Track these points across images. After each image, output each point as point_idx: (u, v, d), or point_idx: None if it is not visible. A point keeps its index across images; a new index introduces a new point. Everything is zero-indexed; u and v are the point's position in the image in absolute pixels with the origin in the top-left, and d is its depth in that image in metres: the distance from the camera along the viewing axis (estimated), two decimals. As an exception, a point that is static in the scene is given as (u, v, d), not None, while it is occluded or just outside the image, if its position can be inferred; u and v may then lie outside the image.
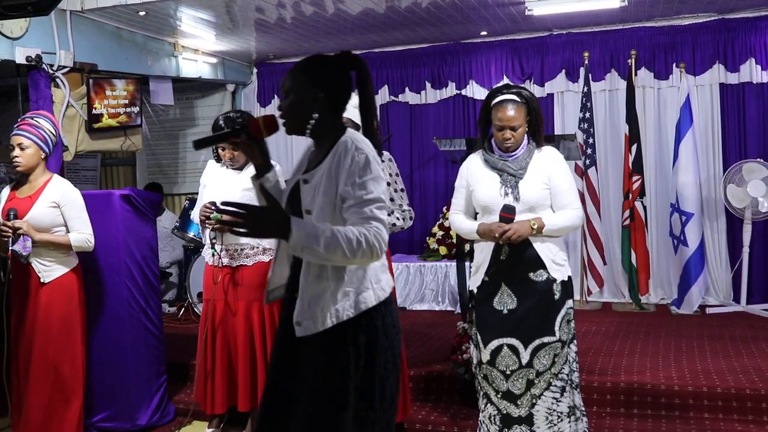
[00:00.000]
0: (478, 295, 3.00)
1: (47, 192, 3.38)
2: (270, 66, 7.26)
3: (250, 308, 3.58)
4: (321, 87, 2.01)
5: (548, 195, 2.90)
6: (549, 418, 2.86)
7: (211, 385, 3.61)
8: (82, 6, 4.80)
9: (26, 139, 3.32)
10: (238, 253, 3.58)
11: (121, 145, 5.44)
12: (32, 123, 3.36)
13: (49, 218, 3.35)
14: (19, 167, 3.35)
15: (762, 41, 5.75)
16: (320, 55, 2.10)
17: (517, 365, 2.87)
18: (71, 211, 3.42)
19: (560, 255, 2.93)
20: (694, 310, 5.58)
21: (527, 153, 2.91)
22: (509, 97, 2.90)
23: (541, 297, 2.87)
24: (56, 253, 3.39)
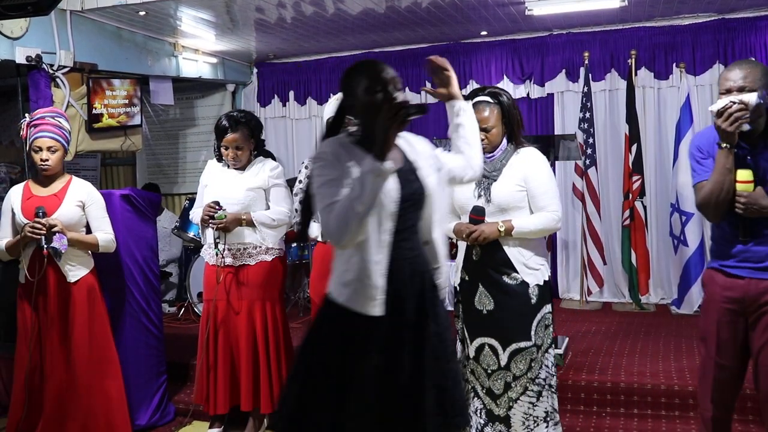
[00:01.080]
0: (461, 292, 3.05)
1: (72, 191, 3.38)
2: (270, 66, 7.26)
3: (253, 308, 3.58)
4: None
5: (523, 197, 2.89)
6: (525, 422, 2.89)
7: (213, 385, 3.61)
8: (82, 6, 4.80)
9: (56, 142, 3.30)
10: (240, 252, 3.59)
11: (121, 145, 5.44)
12: (56, 123, 3.33)
13: (76, 218, 3.36)
14: (47, 171, 3.32)
15: (762, 41, 5.75)
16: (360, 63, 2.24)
17: (497, 366, 2.91)
18: (96, 211, 3.43)
19: (534, 259, 2.92)
20: (694, 310, 5.57)
21: (504, 155, 2.93)
22: (482, 98, 2.93)
23: (517, 300, 2.88)
24: (81, 253, 3.40)
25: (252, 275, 3.58)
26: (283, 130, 7.27)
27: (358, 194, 1.90)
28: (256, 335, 3.58)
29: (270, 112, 7.25)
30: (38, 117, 3.36)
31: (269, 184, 3.60)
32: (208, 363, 3.62)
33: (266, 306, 3.62)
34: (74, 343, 3.37)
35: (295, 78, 7.16)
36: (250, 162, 3.63)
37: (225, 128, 3.53)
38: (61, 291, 3.35)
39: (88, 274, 3.43)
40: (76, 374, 3.38)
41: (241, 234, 3.57)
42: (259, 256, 3.60)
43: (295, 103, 7.18)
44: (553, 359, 3.01)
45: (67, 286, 3.35)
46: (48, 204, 3.30)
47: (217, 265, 3.58)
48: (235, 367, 3.61)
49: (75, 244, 3.33)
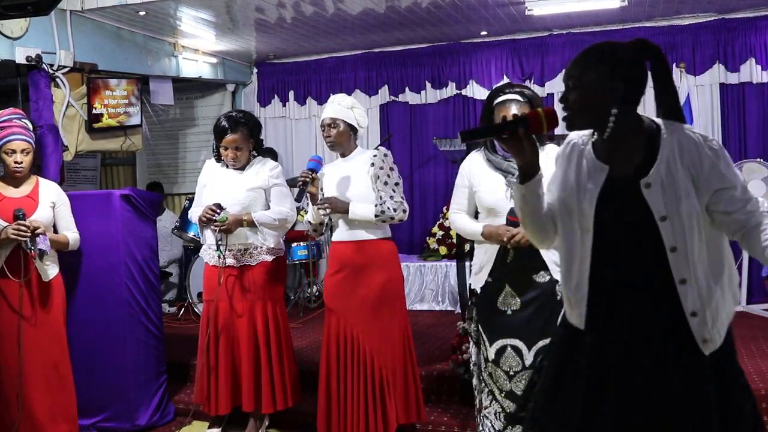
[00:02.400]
0: (482, 295, 2.97)
1: (44, 192, 3.41)
2: (270, 66, 7.26)
3: (254, 308, 3.57)
4: (619, 78, 1.76)
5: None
6: None
7: (214, 386, 3.60)
8: (82, 6, 4.80)
9: (28, 144, 3.32)
10: (242, 253, 3.58)
11: (121, 145, 5.44)
12: (23, 125, 3.34)
13: (49, 218, 3.39)
14: (19, 173, 3.32)
15: (762, 41, 5.75)
16: (612, 43, 1.84)
17: (521, 367, 2.85)
18: (65, 210, 3.48)
19: None
20: (694, 310, 5.57)
21: None
22: (511, 96, 2.84)
23: (544, 299, 2.84)
24: (53, 252, 3.42)
25: (253, 276, 3.57)
26: (283, 130, 7.27)
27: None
28: (257, 335, 3.57)
29: (270, 112, 7.25)
30: (4, 119, 3.34)
31: (269, 184, 3.59)
32: (209, 364, 3.61)
33: (267, 306, 3.61)
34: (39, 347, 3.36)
35: (295, 78, 7.17)
36: (249, 162, 3.62)
37: (224, 129, 3.52)
38: (33, 290, 3.36)
39: (59, 272, 3.48)
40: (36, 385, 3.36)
41: (243, 235, 3.56)
42: (261, 257, 3.59)
43: (295, 103, 7.18)
44: None
45: (39, 285, 3.37)
46: (25, 206, 3.31)
47: (219, 266, 3.57)
48: (236, 368, 3.60)
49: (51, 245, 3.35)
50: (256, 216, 3.51)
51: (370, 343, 3.25)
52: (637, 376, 1.77)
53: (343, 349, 3.28)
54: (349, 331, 3.27)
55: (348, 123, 3.32)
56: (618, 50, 1.80)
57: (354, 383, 3.26)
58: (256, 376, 3.57)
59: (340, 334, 3.29)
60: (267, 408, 3.58)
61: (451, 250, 6.12)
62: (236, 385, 3.61)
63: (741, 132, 5.93)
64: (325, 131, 3.32)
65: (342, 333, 3.28)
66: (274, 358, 3.59)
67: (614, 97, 1.76)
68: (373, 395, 3.25)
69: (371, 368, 3.25)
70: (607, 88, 1.76)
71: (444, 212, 6.37)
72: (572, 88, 1.80)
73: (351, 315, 3.28)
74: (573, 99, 1.80)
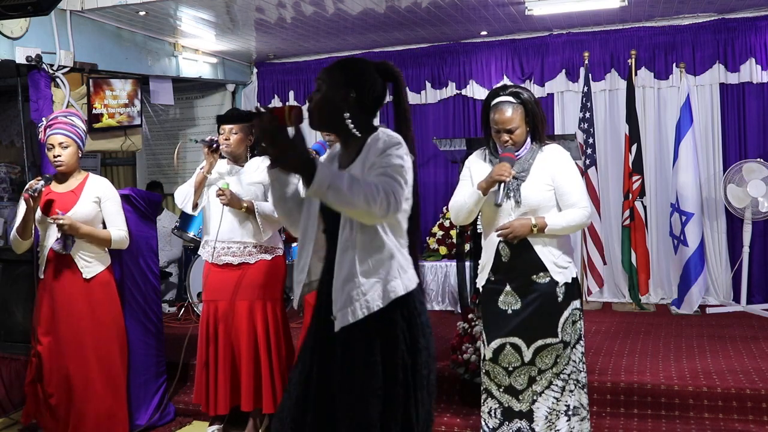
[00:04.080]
0: (484, 294, 3.00)
1: (89, 188, 3.42)
2: (270, 66, 7.26)
3: (254, 307, 3.58)
4: (354, 88, 2.02)
5: (552, 196, 2.85)
6: (548, 416, 2.87)
7: (213, 385, 3.61)
8: (82, 6, 4.80)
9: (67, 138, 3.35)
10: (241, 251, 3.58)
11: (121, 145, 5.44)
12: (68, 122, 3.38)
13: (92, 214, 3.40)
14: (60, 167, 3.37)
15: (762, 41, 5.75)
16: (361, 59, 2.11)
17: (520, 362, 2.87)
18: (111, 207, 3.47)
19: (563, 258, 2.89)
20: (694, 310, 5.58)
21: (530, 154, 2.88)
22: (505, 99, 2.87)
23: (544, 299, 2.85)
24: (97, 249, 3.44)
25: (252, 274, 3.57)
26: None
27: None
28: (257, 335, 3.58)
29: (270, 112, 7.24)
30: (52, 118, 3.42)
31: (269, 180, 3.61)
32: (208, 363, 3.62)
33: (267, 306, 3.61)
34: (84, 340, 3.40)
35: (295, 78, 7.17)
36: (246, 154, 3.66)
37: (229, 116, 3.64)
38: (77, 288, 3.38)
39: (106, 270, 3.48)
40: (80, 371, 3.40)
41: (241, 233, 3.57)
42: (259, 255, 3.60)
43: (295, 103, 7.18)
44: (581, 355, 2.96)
45: (83, 282, 3.39)
46: (65, 200, 3.35)
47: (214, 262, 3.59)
48: (235, 367, 3.61)
49: (90, 240, 3.37)
50: (258, 204, 3.53)
51: None
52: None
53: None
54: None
55: None
56: (362, 65, 2.06)
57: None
58: (256, 375, 3.58)
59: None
60: (267, 408, 3.59)
61: (451, 250, 6.12)
62: (235, 384, 3.61)
63: (741, 132, 5.93)
64: None
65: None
66: (274, 358, 3.59)
67: (347, 104, 2.01)
68: None
69: None
70: (341, 94, 2.01)
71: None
72: (317, 90, 2.04)
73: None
74: (315, 99, 2.03)
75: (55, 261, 3.38)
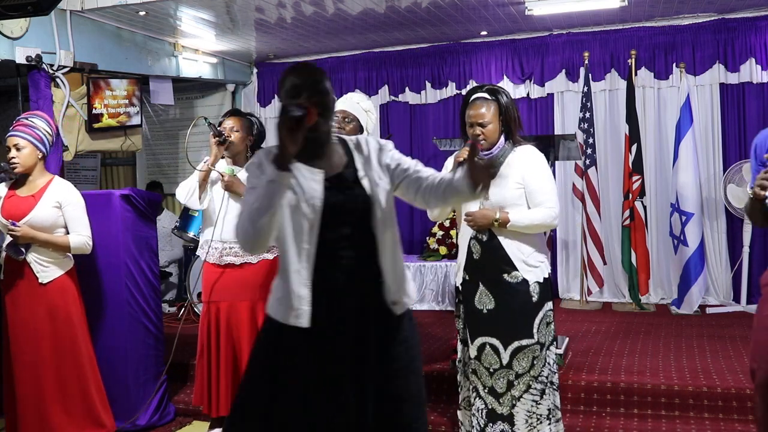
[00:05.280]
0: (463, 292, 3.04)
1: (50, 192, 3.38)
2: (270, 66, 7.26)
3: (255, 308, 3.57)
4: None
5: (521, 194, 2.90)
6: (529, 420, 2.89)
7: (215, 387, 3.59)
8: (82, 6, 4.80)
9: (22, 140, 3.32)
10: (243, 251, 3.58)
11: (121, 145, 5.44)
12: (27, 123, 3.35)
13: (51, 219, 3.35)
14: (17, 168, 3.33)
15: (762, 41, 5.75)
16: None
17: (499, 365, 2.91)
18: (73, 212, 3.41)
19: (534, 256, 2.92)
20: (694, 310, 5.58)
21: (501, 152, 2.94)
22: (479, 95, 2.95)
23: (518, 299, 2.88)
24: (55, 254, 3.39)
25: (254, 274, 3.56)
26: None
27: (254, 201, 1.90)
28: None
29: (270, 112, 7.25)
30: (16, 119, 3.40)
31: None
32: (209, 364, 3.61)
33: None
34: (41, 346, 3.36)
35: (295, 78, 7.15)
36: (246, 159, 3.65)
37: (236, 111, 3.69)
38: (32, 293, 3.35)
39: (64, 275, 3.42)
40: (43, 379, 3.38)
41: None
42: (262, 255, 3.59)
43: (296, 103, 7.16)
44: (555, 357, 3.00)
45: (39, 286, 3.35)
46: (24, 204, 3.32)
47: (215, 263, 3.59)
48: (237, 368, 3.60)
49: (46, 245, 3.34)
50: None
51: None
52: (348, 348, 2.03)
53: None
54: None
55: (359, 123, 3.35)
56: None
57: None
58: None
59: None
60: (267, 408, 3.58)
61: (451, 250, 6.12)
62: (237, 385, 3.60)
63: (741, 132, 5.93)
64: (337, 123, 3.31)
65: None
66: (275, 358, 3.59)
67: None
68: None
69: None
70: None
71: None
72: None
73: None
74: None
75: (11, 265, 3.35)
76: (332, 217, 2.01)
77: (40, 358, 3.37)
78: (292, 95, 1.98)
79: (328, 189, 2.02)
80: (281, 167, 1.87)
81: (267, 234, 1.92)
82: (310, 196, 2.00)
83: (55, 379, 3.39)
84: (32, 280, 3.35)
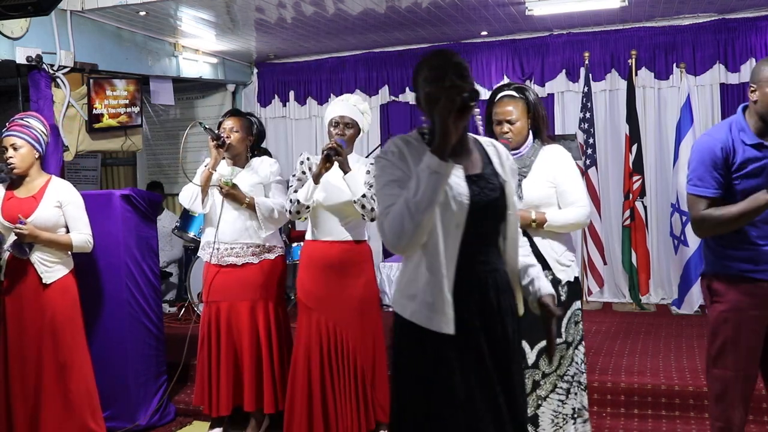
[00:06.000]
0: None
1: (50, 192, 3.38)
2: (270, 66, 7.26)
3: (256, 307, 3.58)
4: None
5: (553, 193, 2.87)
6: (554, 420, 2.86)
7: (216, 386, 3.60)
8: (83, 6, 4.80)
9: (19, 139, 3.31)
10: (244, 251, 3.58)
11: (121, 145, 5.44)
12: (23, 123, 3.35)
13: (54, 219, 3.36)
14: (15, 169, 3.33)
15: (762, 41, 5.75)
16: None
17: (524, 365, 2.87)
18: (73, 211, 3.41)
19: (566, 255, 2.90)
20: (695, 310, 5.57)
21: (532, 151, 2.90)
22: (507, 93, 2.92)
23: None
24: (59, 254, 3.39)
25: (255, 274, 3.57)
26: (283, 130, 7.27)
27: (414, 194, 1.76)
28: (259, 335, 3.58)
29: (270, 112, 7.26)
30: (10, 120, 3.39)
31: (270, 180, 3.62)
32: (210, 364, 3.61)
33: (269, 306, 3.62)
34: (43, 346, 3.36)
35: (295, 78, 7.17)
36: (246, 154, 3.65)
37: (235, 111, 3.68)
38: (35, 293, 3.34)
39: (68, 274, 3.42)
40: (43, 377, 3.37)
41: (245, 233, 3.57)
42: (262, 255, 3.59)
43: (295, 103, 7.18)
44: (583, 356, 2.96)
45: (41, 287, 3.35)
46: (25, 206, 3.32)
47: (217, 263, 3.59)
48: (237, 368, 3.60)
49: (49, 245, 3.33)
50: (259, 200, 3.53)
51: (353, 342, 3.30)
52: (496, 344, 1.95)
53: (326, 348, 3.29)
54: (333, 330, 3.30)
55: (359, 126, 3.35)
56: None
57: (339, 382, 3.29)
58: (258, 375, 3.57)
59: (323, 333, 3.30)
60: (268, 408, 3.59)
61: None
62: (237, 385, 3.61)
63: (741, 132, 5.92)
64: (338, 129, 3.30)
65: (326, 333, 3.30)
66: (276, 358, 3.60)
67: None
68: (356, 393, 3.30)
69: (353, 367, 3.29)
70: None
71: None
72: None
73: (335, 315, 3.30)
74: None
75: (14, 265, 3.35)
76: (475, 216, 1.90)
77: (38, 357, 3.36)
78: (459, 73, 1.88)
79: (470, 187, 1.91)
80: (443, 157, 1.75)
81: (425, 231, 1.80)
82: (458, 193, 1.87)
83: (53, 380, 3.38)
84: (35, 280, 3.34)
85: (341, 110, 3.31)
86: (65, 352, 3.40)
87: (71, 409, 3.41)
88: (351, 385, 3.30)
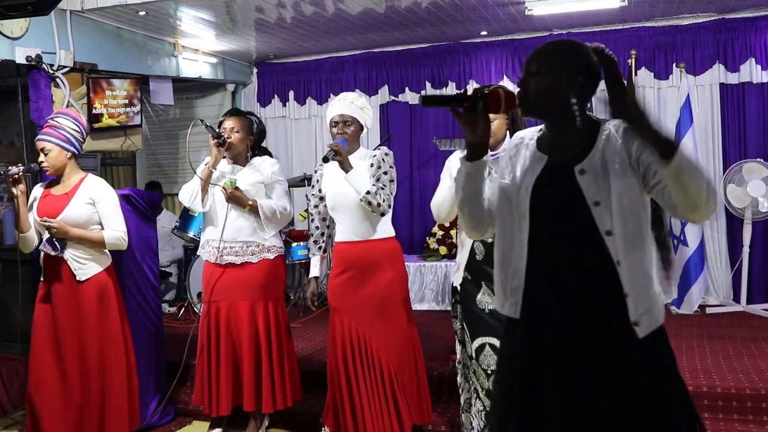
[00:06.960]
0: (462, 292, 3.02)
1: (83, 189, 3.40)
2: (270, 66, 7.26)
3: (255, 307, 3.57)
4: (581, 72, 1.90)
5: None
6: None
7: (215, 386, 3.59)
8: (82, 6, 4.80)
9: (47, 143, 3.34)
10: (243, 250, 3.58)
11: (121, 145, 5.44)
12: (53, 124, 3.37)
13: (85, 216, 3.37)
14: (48, 171, 3.38)
15: (762, 41, 5.75)
16: (578, 42, 1.97)
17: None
18: (106, 208, 3.43)
19: None
20: (694, 310, 5.58)
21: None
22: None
23: None
24: (92, 251, 3.40)
25: (254, 274, 3.56)
26: (283, 130, 7.27)
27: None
28: (258, 335, 3.57)
29: (270, 112, 7.25)
30: (46, 119, 3.43)
31: (271, 179, 3.62)
32: (210, 364, 3.61)
33: (269, 305, 3.61)
34: (86, 345, 3.37)
35: (295, 78, 7.17)
36: (247, 154, 3.65)
37: (235, 110, 3.67)
38: (70, 290, 3.36)
39: (102, 272, 3.43)
40: (88, 376, 3.39)
41: (245, 232, 3.57)
42: (262, 254, 3.59)
43: (295, 103, 7.18)
44: None
45: (76, 284, 3.36)
46: (58, 203, 3.35)
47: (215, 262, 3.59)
48: (237, 368, 3.60)
49: (81, 242, 3.35)
50: (262, 202, 3.53)
51: (377, 342, 3.23)
52: (573, 360, 1.79)
53: (350, 349, 3.25)
54: (356, 330, 3.25)
55: (359, 123, 3.34)
56: (586, 48, 1.94)
57: (365, 383, 3.23)
58: (257, 375, 3.57)
59: (345, 334, 3.26)
60: (267, 408, 3.58)
61: (451, 250, 6.12)
62: (237, 385, 3.60)
63: (741, 132, 5.93)
64: (338, 128, 3.29)
65: (348, 333, 3.26)
66: (275, 358, 3.59)
67: (574, 89, 1.88)
68: (385, 396, 3.22)
69: (379, 368, 3.22)
70: (570, 79, 1.88)
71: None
72: (535, 74, 1.89)
73: (357, 315, 3.26)
74: (536, 83, 1.88)
75: (49, 262, 3.38)
76: (541, 209, 1.83)
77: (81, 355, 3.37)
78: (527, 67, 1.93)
79: (542, 178, 1.85)
80: (466, 156, 1.88)
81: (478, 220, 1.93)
82: (524, 184, 1.86)
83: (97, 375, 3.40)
84: (70, 277, 3.35)
85: (339, 109, 3.31)
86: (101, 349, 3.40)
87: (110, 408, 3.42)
88: (379, 387, 3.23)
